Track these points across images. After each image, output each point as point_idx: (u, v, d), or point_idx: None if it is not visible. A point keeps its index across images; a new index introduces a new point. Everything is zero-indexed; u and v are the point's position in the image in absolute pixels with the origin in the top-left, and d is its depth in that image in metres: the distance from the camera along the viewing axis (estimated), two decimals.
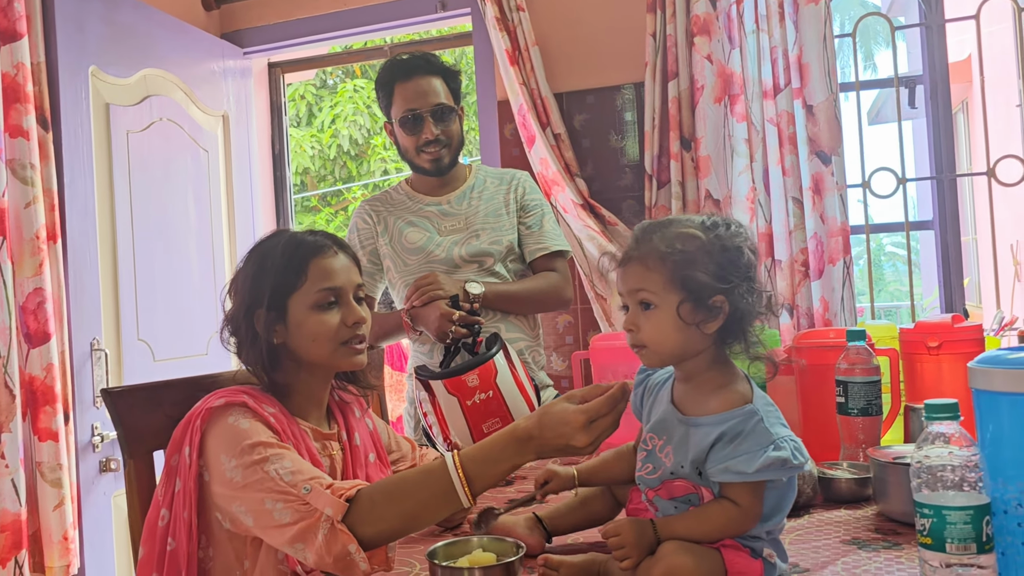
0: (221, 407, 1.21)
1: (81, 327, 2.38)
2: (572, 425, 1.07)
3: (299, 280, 1.28)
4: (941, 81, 2.55)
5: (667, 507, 1.03)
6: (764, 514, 0.99)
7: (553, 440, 1.07)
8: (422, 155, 1.99)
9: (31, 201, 2.19)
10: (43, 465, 2.19)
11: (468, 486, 1.07)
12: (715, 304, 1.00)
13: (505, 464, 1.09)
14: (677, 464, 1.01)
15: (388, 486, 1.10)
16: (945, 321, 1.63)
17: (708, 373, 1.04)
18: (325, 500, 1.08)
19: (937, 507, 0.85)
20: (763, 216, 2.46)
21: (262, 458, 1.14)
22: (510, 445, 1.09)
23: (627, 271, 1.04)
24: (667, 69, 2.54)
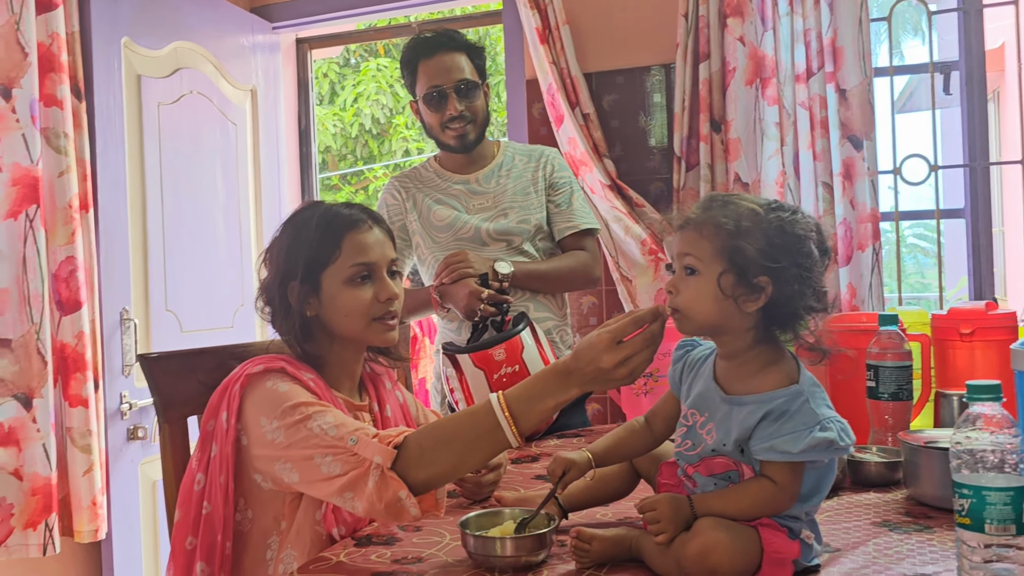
0: (259, 373, 1.23)
1: (111, 296, 2.41)
2: (597, 347, 1.05)
3: (333, 254, 1.29)
4: (977, 67, 2.52)
5: (706, 483, 1.03)
6: (804, 494, 0.99)
7: (586, 367, 1.06)
8: (447, 131, 1.98)
9: (64, 170, 2.21)
10: (73, 431, 2.22)
11: (515, 425, 1.08)
12: (758, 283, 0.98)
13: (549, 400, 1.09)
14: (719, 442, 1.01)
15: (435, 431, 1.11)
16: (978, 308, 1.62)
17: (752, 352, 1.03)
18: (373, 449, 1.09)
19: (977, 488, 0.85)
20: (792, 200, 2.44)
21: (304, 416, 1.16)
22: (552, 380, 1.09)
23: (682, 235, 1.05)
24: (699, 50, 2.52)
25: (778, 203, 1.03)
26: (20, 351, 2.11)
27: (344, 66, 9.88)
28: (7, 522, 2.10)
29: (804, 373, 1.02)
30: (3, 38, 2.09)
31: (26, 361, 2.11)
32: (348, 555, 1.14)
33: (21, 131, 2.10)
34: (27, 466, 2.11)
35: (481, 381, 1.75)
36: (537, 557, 1.07)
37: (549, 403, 1.09)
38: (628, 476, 1.23)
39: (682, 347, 1.16)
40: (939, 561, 1.04)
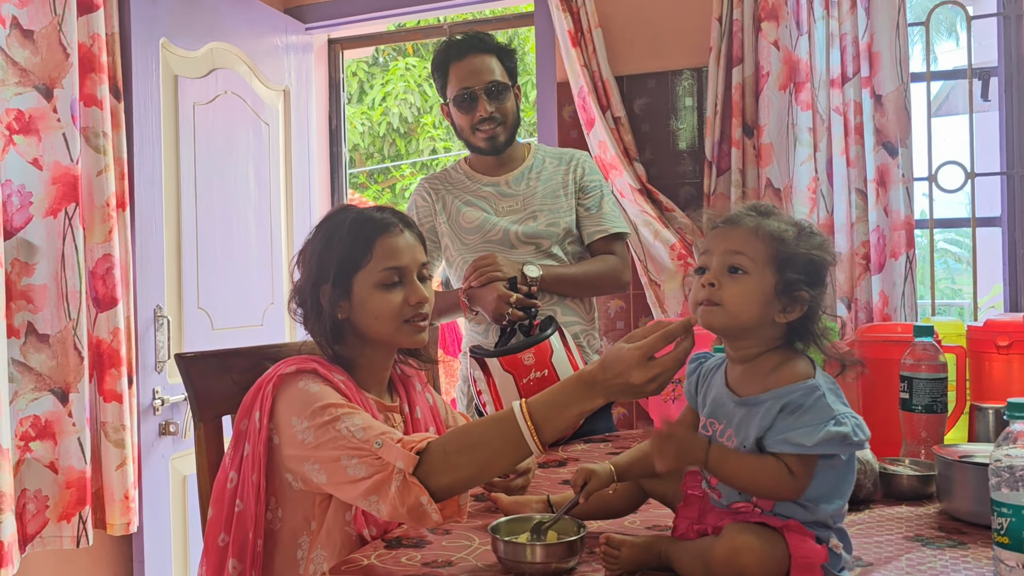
0: (292, 373, 1.25)
1: (146, 293, 2.44)
2: (627, 362, 1.06)
3: (364, 258, 1.30)
4: (1017, 73, 2.48)
5: (731, 493, 1.03)
6: (824, 495, 0.99)
7: (613, 380, 1.06)
8: (477, 133, 1.99)
9: (103, 169, 2.24)
10: (107, 425, 2.26)
11: (537, 433, 1.08)
12: (799, 296, 1.01)
13: (573, 409, 1.09)
14: (739, 445, 1.01)
15: (459, 436, 1.12)
16: (1016, 320, 1.60)
17: (767, 355, 1.04)
18: (396, 454, 1.10)
19: (1017, 507, 0.84)
20: (825, 207, 2.42)
21: (333, 418, 1.17)
22: (577, 389, 1.09)
23: (731, 231, 1.04)
24: (732, 54, 2.50)
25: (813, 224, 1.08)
26: (57, 346, 2.14)
27: (373, 65, 9.94)
28: (42, 514, 2.14)
29: (820, 371, 1.03)
30: (46, 39, 2.13)
31: (63, 356, 2.15)
32: (378, 557, 1.15)
33: (62, 130, 2.14)
34: (62, 459, 2.15)
35: (510, 385, 1.76)
36: (567, 564, 1.08)
37: (574, 411, 1.09)
38: (633, 495, 1.23)
39: (695, 360, 1.16)
40: None
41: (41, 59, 2.13)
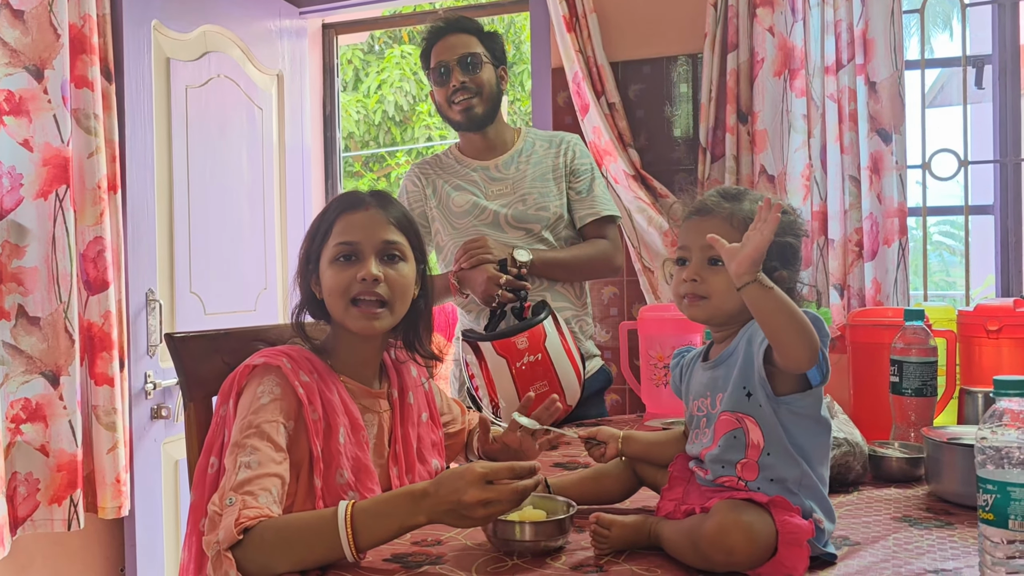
0: (260, 367, 1.23)
1: (137, 277, 2.43)
2: (466, 479, 1.01)
3: (328, 234, 1.29)
4: (1011, 61, 2.48)
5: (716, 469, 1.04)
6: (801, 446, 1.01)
7: (446, 496, 1.01)
8: (453, 106, 1.99)
9: (94, 151, 2.23)
10: (98, 409, 2.26)
11: (354, 539, 1.02)
12: (779, 277, 1.03)
13: (394, 522, 1.03)
14: (729, 396, 1.03)
15: (282, 526, 1.06)
16: (1006, 305, 1.60)
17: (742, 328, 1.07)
18: (227, 522, 1.05)
19: (1002, 483, 0.84)
20: (818, 194, 2.42)
21: (244, 444, 1.14)
22: (404, 501, 1.04)
23: (705, 222, 1.06)
24: (727, 40, 2.50)
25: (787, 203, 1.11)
26: (48, 329, 2.14)
27: (368, 52, 9.89)
28: (33, 497, 2.14)
29: None
30: (36, 19, 2.11)
31: (54, 339, 2.14)
32: None
33: (52, 112, 2.13)
34: (53, 442, 2.15)
35: (503, 369, 1.76)
36: (556, 542, 1.08)
37: (394, 524, 1.04)
38: (628, 480, 1.24)
39: (677, 355, 1.19)
40: (960, 557, 1.03)
41: (31, 40, 2.11)
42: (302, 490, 1.21)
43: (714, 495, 1.02)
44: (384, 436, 1.33)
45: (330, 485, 1.21)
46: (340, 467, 1.22)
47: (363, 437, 1.27)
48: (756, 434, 1.00)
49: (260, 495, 1.10)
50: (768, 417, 1.00)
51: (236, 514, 1.05)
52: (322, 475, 1.20)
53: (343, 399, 1.27)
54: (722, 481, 1.03)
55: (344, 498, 1.18)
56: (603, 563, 1.03)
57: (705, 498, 1.03)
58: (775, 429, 1.00)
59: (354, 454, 1.25)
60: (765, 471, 1.00)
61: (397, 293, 1.28)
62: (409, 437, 1.36)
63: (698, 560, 0.97)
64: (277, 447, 1.16)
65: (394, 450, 1.33)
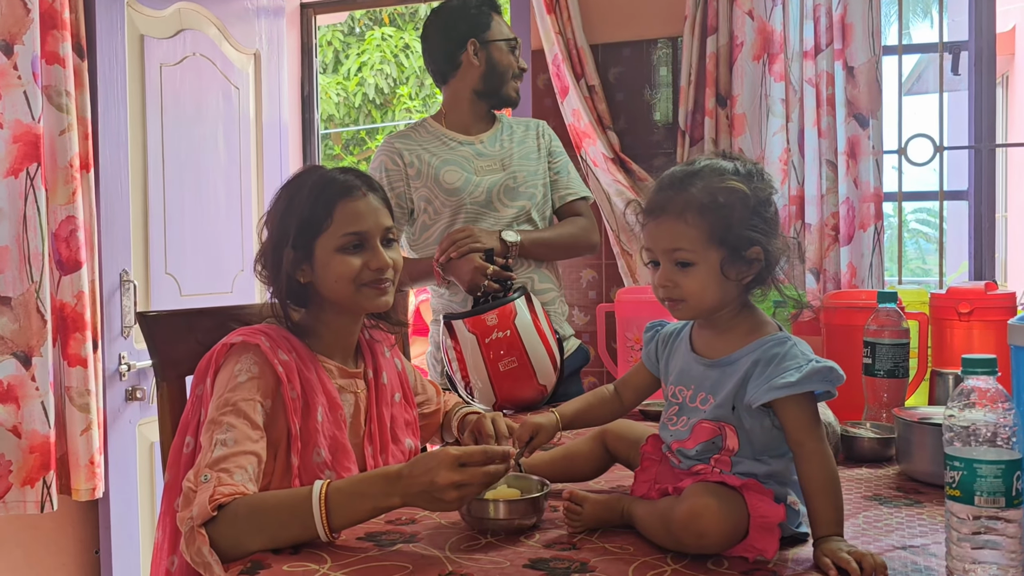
0: (238, 345, 1.23)
1: (111, 257, 2.41)
2: (439, 460, 1.01)
3: (325, 222, 1.28)
4: (987, 48, 2.50)
5: (691, 456, 1.05)
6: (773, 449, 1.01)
7: (419, 477, 1.01)
8: (514, 83, 2.05)
9: (65, 129, 2.20)
10: (72, 390, 2.23)
11: (327, 519, 1.02)
12: (752, 256, 1.01)
13: (368, 502, 1.03)
14: (714, 407, 1.01)
15: (256, 503, 1.05)
16: (978, 288, 1.62)
17: (736, 319, 1.05)
18: (201, 499, 1.04)
19: (968, 460, 0.85)
20: (796, 178, 2.43)
21: (220, 421, 1.14)
22: (378, 482, 1.04)
23: (660, 226, 1.02)
24: (707, 24, 2.49)
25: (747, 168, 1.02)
26: (20, 309, 2.11)
27: (348, 35, 9.80)
28: (5, 478, 2.12)
29: (785, 330, 1.04)
30: None
31: (25, 320, 2.11)
32: None
33: (23, 88, 2.09)
34: (25, 423, 2.12)
35: (474, 345, 1.76)
36: (530, 521, 1.08)
37: (367, 504, 1.03)
38: (600, 457, 1.23)
39: (651, 328, 1.17)
40: (928, 534, 1.05)
41: (0, 14, 2.07)
42: (279, 469, 1.21)
43: (687, 476, 1.02)
44: (360, 415, 1.34)
45: (307, 464, 1.21)
46: (317, 446, 1.22)
47: (341, 416, 1.28)
48: (733, 441, 1.00)
49: (236, 472, 1.09)
50: (748, 429, 1.00)
51: (211, 491, 1.05)
52: (299, 454, 1.20)
53: (321, 378, 1.27)
54: (697, 469, 1.03)
55: (321, 477, 1.18)
56: (576, 541, 1.04)
57: (678, 479, 1.03)
58: (754, 437, 1.00)
59: (331, 433, 1.25)
60: (739, 466, 1.00)
61: (396, 273, 1.33)
62: (383, 416, 1.37)
63: (670, 542, 0.97)
64: (254, 425, 1.15)
65: (369, 429, 1.34)
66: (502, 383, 1.76)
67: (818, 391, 0.97)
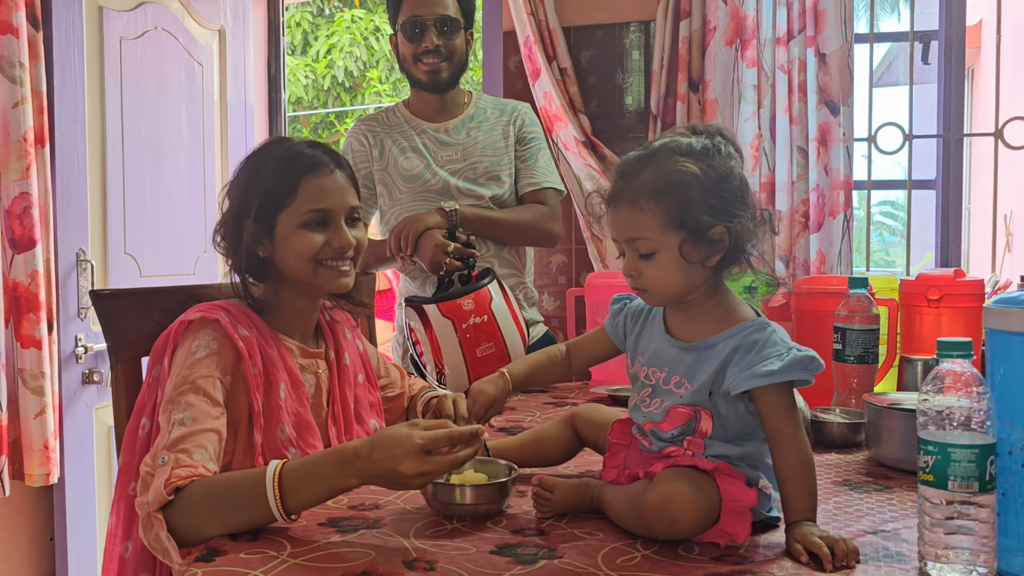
0: (196, 322, 1.19)
1: (67, 236, 2.33)
2: (404, 447, 0.96)
3: (289, 197, 1.24)
4: (956, 39, 2.51)
5: (663, 444, 1.02)
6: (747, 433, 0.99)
7: (381, 462, 0.97)
8: (419, 65, 1.93)
9: (19, 101, 2.12)
10: (25, 372, 2.16)
11: (282, 500, 0.98)
12: (715, 237, 0.97)
13: (323, 483, 0.99)
14: (690, 391, 0.99)
15: (210, 486, 1.02)
16: (947, 275, 1.62)
17: (710, 302, 1.03)
18: (157, 483, 1.01)
19: (942, 444, 0.84)
20: (767, 164, 2.43)
21: (177, 401, 1.10)
22: (333, 462, 1.00)
23: (618, 215, 1.00)
24: (679, 8, 2.47)
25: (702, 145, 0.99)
26: None
27: (318, 16, 9.66)
28: None
29: (762, 316, 1.02)
30: None
31: None
32: None
33: None
34: None
35: (449, 331, 1.73)
36: (497, 506, 1.06)
37: (323, 485, 0.99)
38: (569, 441, 1.22)
39: (619, 300, 1.14)
40: (898, 519, 1.04)
41: None
42: (240, 446, 1.17)
43: (657, 460, 1.00)
44: (322, 396, 1.31)
45: (271, 441, 1.18)
46: (281, 422, 1.19)
47: (303, 393, 1.25)
48: (707, 424, 0.99)
49: (195, 452, 1.06)
50: (723, 413, 0.99)
51: (168, 473, 1.02)
52: (262, 430, 1.17)
53: (283, 355, 1.24)
54: (669, 451, 1.01)
55: (286, 455, 1.15)
56: (544, 526, 1.01)
57: (648, 463, 1.02)
58: (728, 422, 0.99)
59: (295, 410, 1.22)
60: (712, 448, 0.99)
61: (359, 253, 1.30)
62: (347, 398, 1.34)
63: (641, 528, 0.95)
64: (214, 402, 1.12)
65: (332, 410, 1.31)
66: (479, 369, 1.72)
67: (796, 379, 0.96)
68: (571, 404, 1.70)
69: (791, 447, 0.95)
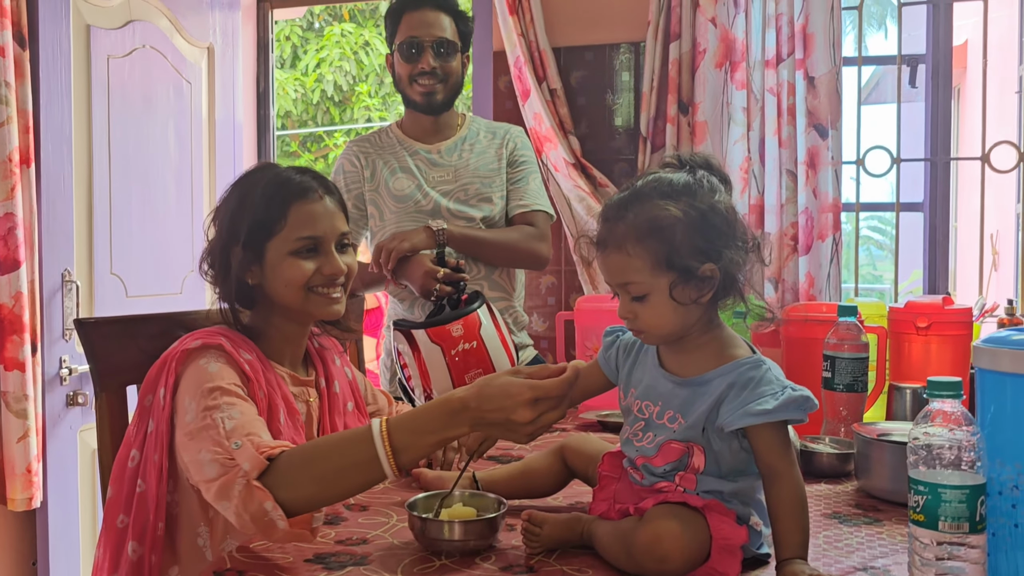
0: (197, 349, 1.18)
1: (52, 256, 2.31)
2: (516, 399, 0.99)
3: (279, 224, 1.24)
4: (943, 61, 2.53)
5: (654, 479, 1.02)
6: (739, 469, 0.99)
7: (492, 413, 0.99)
8: (415, 86, 1.93)
9: (5, 121, 2.11)
10: (8, 395, 2.14)
11: (394, 457, 1.00)
12: (706, 274, 0.97)
13: (435, 436, 1.01)
14: (684, 427, 0.99)
15: (310, 449, 1.04)
16: (935, 302, 1.63)
17: (704, 337, 1.03)
18: (246, 456, 1.02)
19: (933, 485, 0.84)
20: (756, 187, 2.43)
21: (215, 405, 1.10)
22: (442, 415, 1.01)
23: (607, 259, 1.00)
24: (669, 30, 2.48)
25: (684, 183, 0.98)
26: None
27: (307, 30, 9.66)
28: None
29: (758, 353, 1.02)
30: None
31: None
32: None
33: None
34: None
35: (438, 357, 1.72)
36: (486, 542, 1.05)
37: (434, 438, 1.01)
38: (559, 472, 1.21)
39: (611, 332, 1.14)
40: (889, 555, 1.03)
41: None
42: None
43: (648, 495, 1.00)
44: (312, 424, 1.31)
45: None
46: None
47: (299, 421, 1.25)
48: (700, 460, 0.99)
49: (262, 434, 1.07)
50: (716, 450, 0.98)
51: (254, 446, 1.03)
52: None
53: (278, 382, 1.24)
54: (660, 487, 1.00)
55: None
56: (534, 563, 1.00)
57: (639, 497, 1.01)
58: (721, 458, 0.99)
59: (291, 437, 1.22)
60: (704, 483, 0.98)
61: (349, 279, 1.30)
62: (337, 426, 1.34)
63: (631, 565, 0.94)
64: (247, 400, 1.13)
65: None
66: None
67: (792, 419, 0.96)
68: (561, 431, 1.69)
69: (786, 484, 0.95)
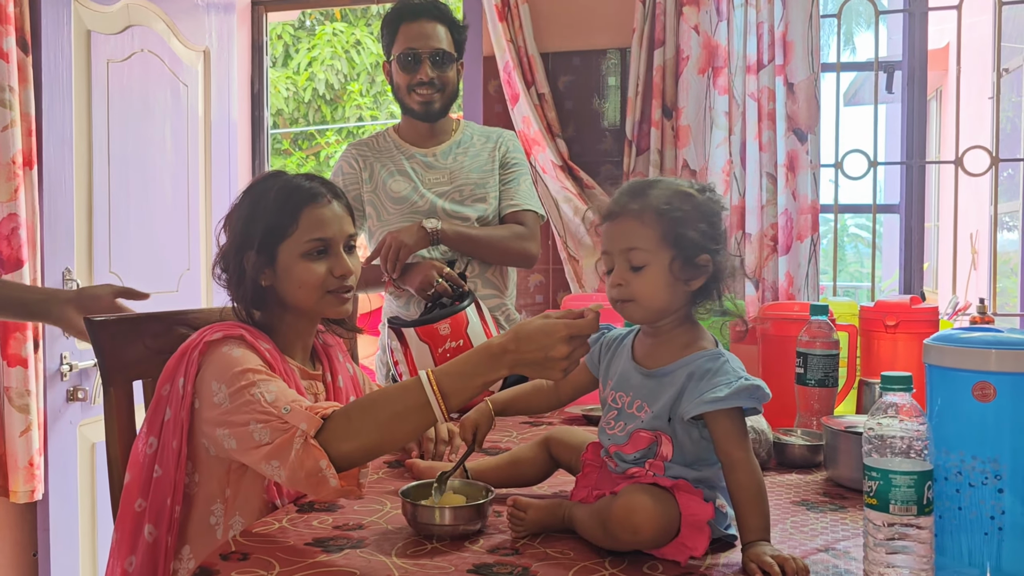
0: (218, 340, 1.25)
1: (54, 255, 2.37)
2: (554, 336, 1.06)
3: (291, 227, 1.30)
4: (919, 68, 2.61)
5: (627, 462, 1.09)
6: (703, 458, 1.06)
7: (531, 353, 1.07)
8: (413, 95, 2.00)
9: (8, 125, 2.16)
10: (11, 390, 2.20)
11: (443, 401, 1.09)
12: (701, 263, 1.06)
13: (479, 379, 1.09)
14: (650, 416, 1.06)
15: (363, 401, 1.12)
16: (903, 301, 1.71)
17: (677, 331, 1.10)
18: (301, 416, 1.10)
19: (884, 471, 0.91)
20: (737, 190, 2.51)
21: (249, 383, 1.18)
22: (484, 361, 1.09)
23: (617, 226, 1.08)
24: (654, 36, 2.56)
25: (699, 184, 1.11)
26: None
27: (299, 28, 9.69)
28: None
29: (722, 347, 1.09)
30: None
31: None
32: (290, 520, 1.17)
33: None
34: None
35: (426, 355, 1.79)
36: (474, 526, 1.12)
37: (479, 381, 1.09)
38: (544, 463, 1.28)
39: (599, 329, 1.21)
40: (851, 538, 1.11)
41: None
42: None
43: (622, 481, 1.07)
44: None
45: None
46: None
47: None
48: (667, 449, 1.05)
49: (303, 400, 1.15)
50: (681, 439, 1.05)
51: (305, 408, 1.11)
52: None
53: (292, 374, 1.30)
54: (632, 472, 1.08)
55: None
56: (519, 546, 1.07)
57: (614, 483, 1.08)
58: (685, 447, 1.06)
59: None
60: (671, 471, 1.05)
61: (355, 279, 1.37)
62: None
63: (606, 539, 1.02)
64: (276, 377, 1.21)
65: None
66: None
67: (745, 406, 1.03)
68: (547, 424, 1.76)
69: (742, 471, 1.02)
